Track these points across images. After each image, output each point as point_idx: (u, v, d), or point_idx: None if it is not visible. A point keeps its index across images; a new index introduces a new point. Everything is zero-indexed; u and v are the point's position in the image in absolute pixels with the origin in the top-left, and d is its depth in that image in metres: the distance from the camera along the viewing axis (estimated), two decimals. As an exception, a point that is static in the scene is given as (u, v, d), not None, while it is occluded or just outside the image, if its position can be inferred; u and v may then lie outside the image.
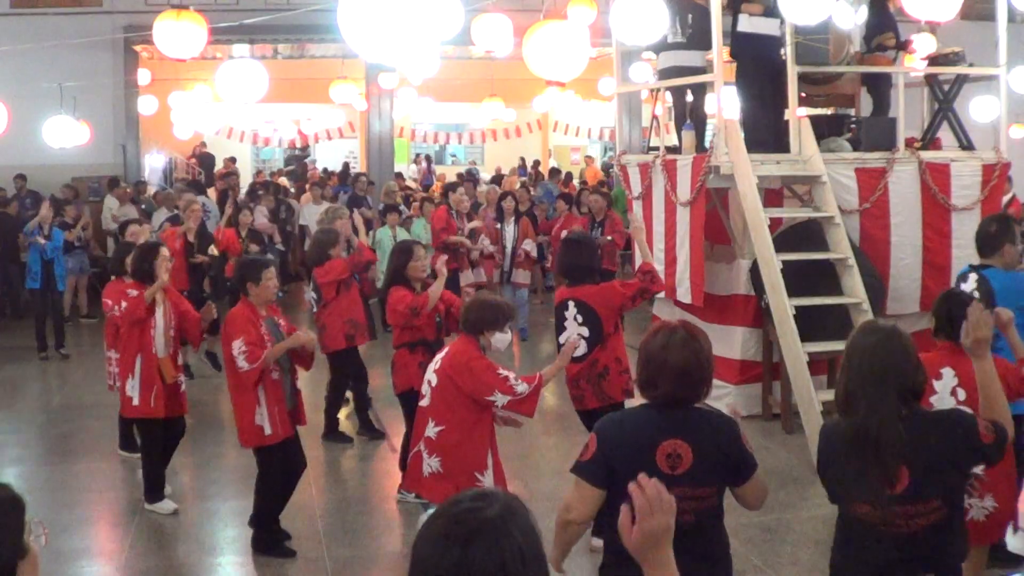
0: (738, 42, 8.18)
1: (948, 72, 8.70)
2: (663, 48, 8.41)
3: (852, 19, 8.67)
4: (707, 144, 8.42)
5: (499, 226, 11.39)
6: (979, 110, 9.32)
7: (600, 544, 3.65)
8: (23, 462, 7.43)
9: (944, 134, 8.82)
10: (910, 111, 8.69)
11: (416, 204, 13.56)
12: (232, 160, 19.79)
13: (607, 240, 10.66)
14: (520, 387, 4.64)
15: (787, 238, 7.84)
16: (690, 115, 8.75)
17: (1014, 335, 4.12)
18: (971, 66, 8.79)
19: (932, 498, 2.96)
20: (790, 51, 7.90)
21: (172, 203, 12.31)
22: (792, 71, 7.91)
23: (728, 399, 8.18)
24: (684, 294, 8.35)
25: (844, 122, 8.94)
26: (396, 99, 17.00)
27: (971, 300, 4.31)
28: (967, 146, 8.64)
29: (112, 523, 6.27)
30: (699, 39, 8.25)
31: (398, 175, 18.14)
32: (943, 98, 8.64)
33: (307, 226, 14.33)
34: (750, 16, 8.01)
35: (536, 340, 11.35)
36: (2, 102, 8.90)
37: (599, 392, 5.54)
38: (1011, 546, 2.70)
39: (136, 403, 6.14)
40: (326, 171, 20.36)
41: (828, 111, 9.45)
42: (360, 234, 8.58)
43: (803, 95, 8.37)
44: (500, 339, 4.81)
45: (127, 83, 14.80)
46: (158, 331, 6.19)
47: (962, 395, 4.06)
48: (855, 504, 3.08)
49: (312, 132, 22.95)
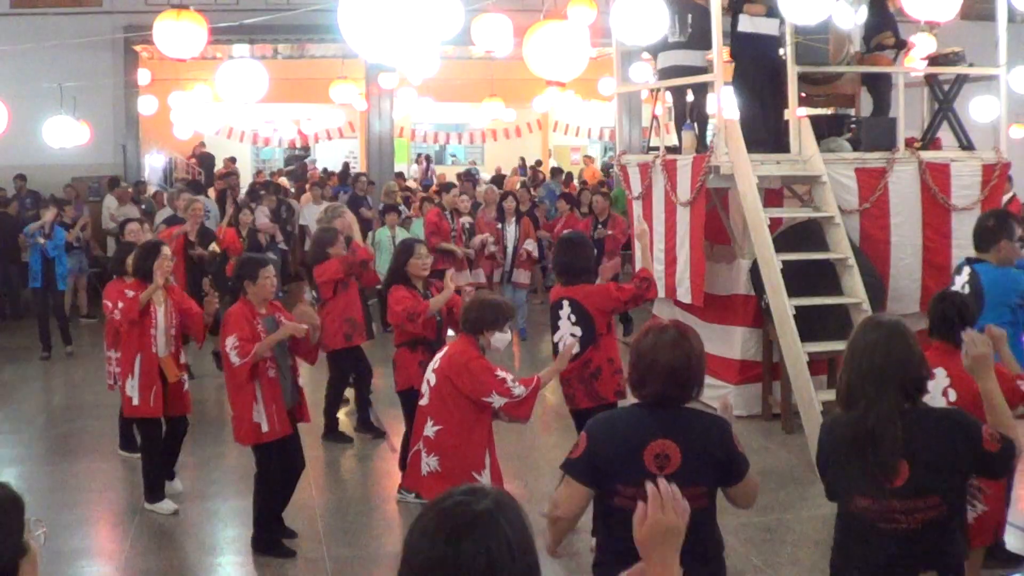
0: (738, 42, 8.19)
1: (948, 72, 8.70)
2: (663, 48, 8.41)
3: (852, 19, 8.66)
4: (709, 143, 8.43)
5: (500, 226, 11.40)
6: (979, 110, 9.31)
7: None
8: (23, 462, 7.42)
9: (944, 134, 8.81)
10: (910, 111, 8.69)
11: (416, 204, 13.56)
12: (232, 160, 19.77)
13: (607, 234, 10.69)
14: (517, 390, 4.65)
15: (787, 238, 7.84)
16: (691, 115, 8.75)
17: (1007, 351, 4.11)
18: (971, 66, 8.79)
19: (931, 495, 2.97)
20: (790, 51, 7.90)
21: (173, 203, 12.30)
22: (792, 71, 7.91)
23: (728, 399, 8.18)
24: (684, 294, 8.34)
25: (844, 122, 8.94)
26: (396, 99, 16.98)
27: (966, 302, 4.33)
28: (967, 146, 8.64)
29: (112, 523, 6.27)
30: (700, 39, 8.25)
31: (399, 175, 18.13)
32: (943, 98, 8.64)
33: (307, 226, 14.32)
34: (751, 16, 8.02)
35: (536, 340, 11.35)
36: (2, 102, 8.89)
37: (591, 392, 5.54)
38: None
39: (136, 403, 6.16)
40: (326, 171, 20.32)
41: (828, 111, 9.44)
42: (355, 235, 8.56)
43: (803, 95, 8.36)
44: (499, 339, 4.82)
45: (127, 83, 14.80)
46: (159, 330, 6.20)
47: (953, 396, 4.06)
48: (855, 498, 3.08)
49: (312, 132, 22.92)
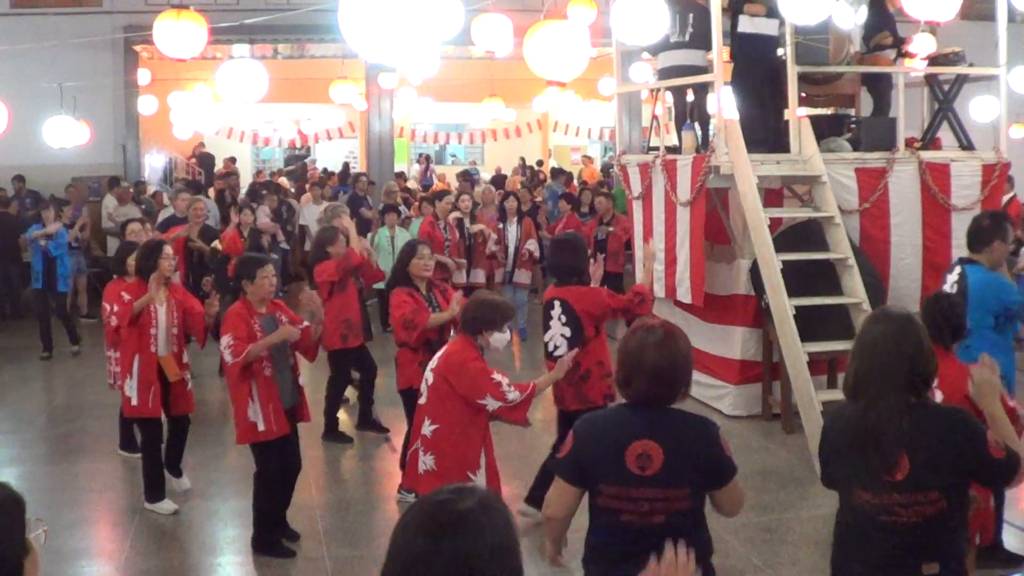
0: (738, 42, 8.18)
1: (948, 72, 8.70)
2: (664, 48, 8.41)
3: (852, 19, 8.66)
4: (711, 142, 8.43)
5: (502, 226, 11.39)
6: (979, 110, 9.30)
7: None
8: (23, 462, 7.42)
9: (944, 134, 8.82)
10: (910, 111, 8.69)
11: (416, 204, 13.56)
12: (232, 160, 19.79)
13: (610, 231, 10.69)
14: (511, 395, 4.64)
15: (787, 238, 7.84)
16: (691, 115, 8.75)
17: (995, 380, 4.11)
18: (971, 66, 8.79)
19: (931, 490, 2.97)
20: (790, 51, 7.91)
21: (173, 203, 12.28)
22: (792, 71, 7.91)
23: (728, 399, 8.19)
24: (684, 294, 8.34)
25: (844, 122, 8.94)
26: (396, 99, 16.96)
27: (957, 304, 4.33)
28: (967, 146, 8.64)
29: (112, 523, 6.27)
30: (700, 39, 8.25)
31: (399, 175, 18.12)
32: (943, 98, 8.64)
33: (307, 226, 14.33)
34: (751, 17, 8.01)
35: (535, 340, 11.31)
36: (2, 102, 8.89)
37: (579, 394, 5.55)
38: None
39: (135, 403, 6.17)
40: (326, 171, 20.33)
41: (828, 111, 9.44)
42: (352, 237, 8.50)
43: (803, 95, 8.37)
44: (499, 339, 4.81)
45: (127, 83, 14.79)
46: (160, 330, 6.20)
47: (939, 396, 4.06)
48: (855, 491, 3.09)
49: (312, 132, 22.94)
